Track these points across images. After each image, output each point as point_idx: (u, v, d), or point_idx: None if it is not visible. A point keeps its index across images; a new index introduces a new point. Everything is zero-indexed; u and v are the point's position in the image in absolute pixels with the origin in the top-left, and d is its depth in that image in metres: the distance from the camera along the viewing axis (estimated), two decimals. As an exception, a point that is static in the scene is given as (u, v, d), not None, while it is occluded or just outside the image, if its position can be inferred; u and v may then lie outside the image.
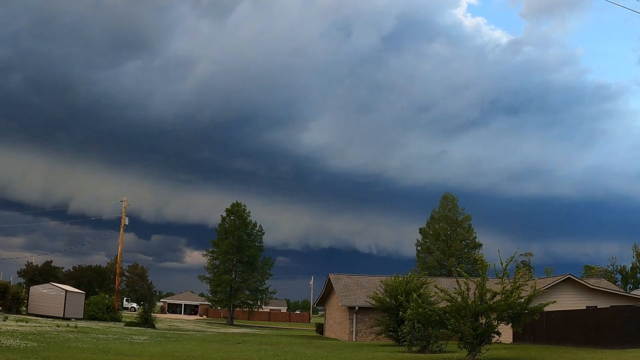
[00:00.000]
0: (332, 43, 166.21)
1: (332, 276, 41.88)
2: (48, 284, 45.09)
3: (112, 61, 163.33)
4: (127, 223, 49.38)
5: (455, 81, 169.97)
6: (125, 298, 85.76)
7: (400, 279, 30.39)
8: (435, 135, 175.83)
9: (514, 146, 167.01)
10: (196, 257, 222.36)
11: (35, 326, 27.63)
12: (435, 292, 20.39)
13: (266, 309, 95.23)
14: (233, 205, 71.34)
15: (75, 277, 65.27)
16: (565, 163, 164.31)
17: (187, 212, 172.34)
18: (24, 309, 43.00)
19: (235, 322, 70.81)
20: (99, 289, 56.03)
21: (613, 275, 67.92)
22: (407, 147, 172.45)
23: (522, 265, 69.40)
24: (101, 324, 38.43)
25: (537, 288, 18.61)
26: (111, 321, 42.91)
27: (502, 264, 18.80)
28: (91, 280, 66.11)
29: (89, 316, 43.63)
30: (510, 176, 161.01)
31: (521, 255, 74.08)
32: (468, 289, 18.44)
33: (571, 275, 32.46)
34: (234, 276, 69.62)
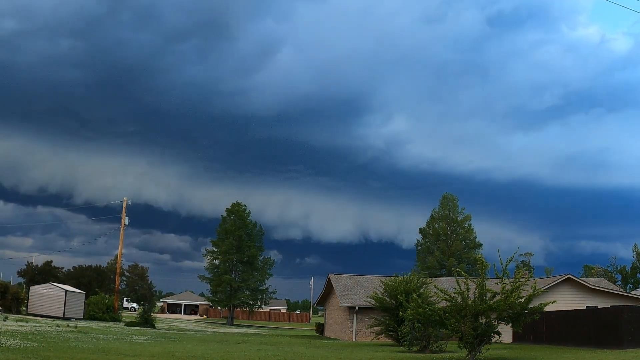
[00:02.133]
0: (427, 27, 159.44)
1: (332, 276, 41.90)
2: (48, 284, 45.09)
3: (180, 48, 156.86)
4: (127, 223, 49.43)
5: (549, 71, 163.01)
6: (125, 298, 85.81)
7: (400, 279, 30.40)
8: (513, 126, 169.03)
9: (590, 139, 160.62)
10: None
11: (35, 326, 27.63)
12: (435, 292, 20.39)
13: (266, 309, 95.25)
14: (233, 205, 71.40)
15: (75, 277, 65.29)
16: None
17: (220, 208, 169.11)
18: (24, 309, 43.00)
19: (235, 322, 70.83)
20: (99, 289, 56.00)
21: (613, 275, 67.94)
22: (479, 139, 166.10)
23: (522, 265, 69.41)
24: (101, 324, 38.42)
25: (537, 288, 18.61)
26: (111, 321, 42.91)
27: (502, 263, 18.82)
28: (91, 280, 66.13)
29: (89, 316, 43.63)
30: (578, 167, 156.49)
31: (521, 255, 74.17)
32: (468, 289, 18.44)
33: (571, 275, 32.49)
34: (234, 276, 69.67)
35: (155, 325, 42.13)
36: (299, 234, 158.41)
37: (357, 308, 36.92)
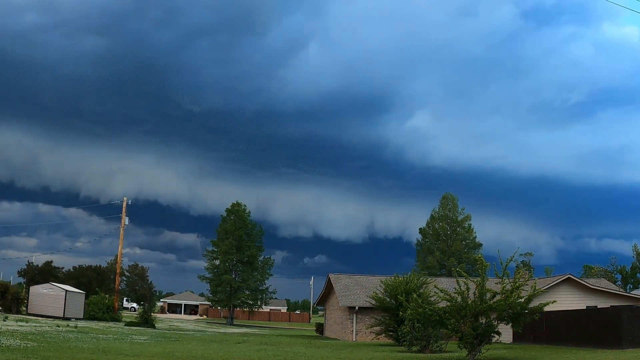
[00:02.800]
0: (459, 21, 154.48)
1: (332, 276, 41.90)
2: (48, 284, 45.09)
3: (203, 44, 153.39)
4: (127, 223, 49.47)
5: (581, 68, 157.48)
6: (125, 298, 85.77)
7: (400, 278, 30.41)
8: (537, 124, 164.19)
9: (614, 136, 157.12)
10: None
11: (35, 326, 27.63)
12: (435, 292, 20.40)
13: (266, 309, 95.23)
14: (233, 205, 71.44)
15: (75, 277, 65.31)
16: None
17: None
18: (24, 308, 43.00)
19: (235, 322, 70.85)
20: (99, 289, 55.99)
21: (613, 275, 67.94)
22: (502, 136, 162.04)
23: (522, 265, 69.42)
24: (101, 324, 38.43)
25: (537, 288, 18.62)
26: (111, 321, 42.92)
27: (502, 263, 18.83)
28: (91, 280, 66.14)
29: (89, 316, 43.64)
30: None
31: (521, 255, 74.17)
32: (468, 289, 18.44)
33: (571, 275, 32.49)
34: (234, 276, 69.69)
35: (155, 325, 42.14)
36: (309, 232, 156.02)
37: (357, 308, 36.92)
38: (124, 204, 49.49)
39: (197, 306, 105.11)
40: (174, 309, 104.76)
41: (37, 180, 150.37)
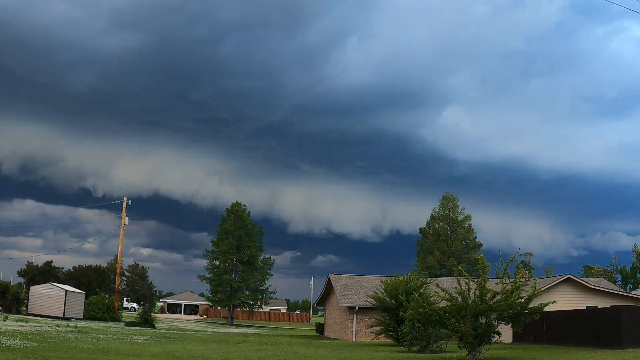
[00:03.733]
0: (505, 15, 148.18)
1: (332, 276, 41.91)
2: (48, 284, 45.09)
3: (232, 39, 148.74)
4: (127, 223, 49.48)
5: (621, 66, 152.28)
6: (125, 298, 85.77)
7: (400, 278, 30.42)
8: (569, 120, 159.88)
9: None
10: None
11: (35, 326, 27.63)
12: (435, 292, 20.41)
13: (266, 309, 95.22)
14: (233, 205, 71.52)
15: (75, 277, 65.38)
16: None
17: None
18: (24, 309, 43.01)
19: (235, 322, 70.86)
20: (99, 289, 56.00)
21: (613, 275, 67.98)
22: (533, 131, 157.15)
23: (522, 265, 69.43)
24: (101, 324, 38.43)
25: (537, 288, 18.62)
26: (111, 321, 42.91)
27: (502, 264, 18.83)
28: (91, 280, 66.20)
29: (89, 316, 43.63)
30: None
31: (521, 255, 74.17)
32: (469, 289, 18.44)
33: (571, 275, 32.51)
34: (234, 276, 69.73)
35: (155, 325, 42.13)
36: (323, 230, 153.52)
37: (357, 308, 36.92)
38: (124, 204, 49.51)
39: (197, 306, 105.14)
40: (174, 309, 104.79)
41: (47, 178, 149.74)
